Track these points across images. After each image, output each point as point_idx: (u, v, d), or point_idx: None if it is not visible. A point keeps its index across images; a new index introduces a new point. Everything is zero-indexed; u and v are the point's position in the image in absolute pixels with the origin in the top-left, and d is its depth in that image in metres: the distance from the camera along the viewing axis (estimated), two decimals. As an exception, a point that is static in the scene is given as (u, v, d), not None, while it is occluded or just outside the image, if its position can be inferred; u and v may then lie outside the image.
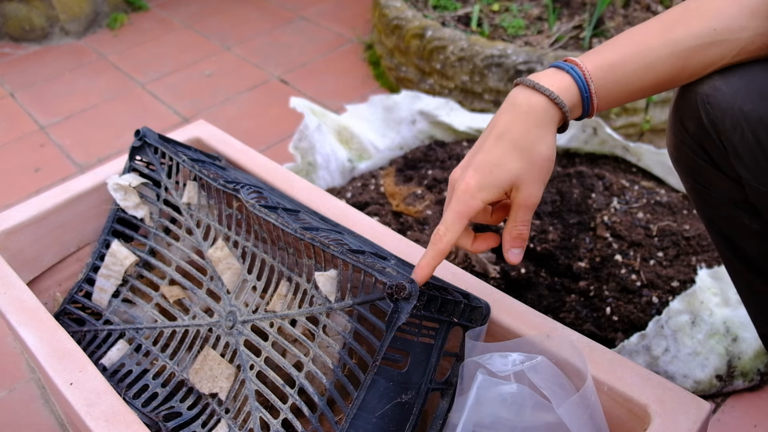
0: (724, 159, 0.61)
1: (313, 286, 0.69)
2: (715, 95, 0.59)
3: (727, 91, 0.58)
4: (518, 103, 0.59)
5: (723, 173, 0.63)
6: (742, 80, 0.58)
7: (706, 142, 0.62)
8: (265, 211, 0.74)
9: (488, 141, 0.60)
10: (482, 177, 0.59)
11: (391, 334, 0.57)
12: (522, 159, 0.59)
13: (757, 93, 0.57)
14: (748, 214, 0.63)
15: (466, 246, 0.64)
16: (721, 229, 0.68)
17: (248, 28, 2.28)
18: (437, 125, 1.45)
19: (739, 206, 0.64)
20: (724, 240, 0.68)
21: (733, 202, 0.64)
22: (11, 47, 2.28)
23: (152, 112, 1.86)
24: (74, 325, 0.88)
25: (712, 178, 0.64)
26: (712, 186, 0.65)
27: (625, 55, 0.59)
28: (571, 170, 1.33)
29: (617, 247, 1.14)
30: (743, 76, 0.58)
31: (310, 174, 1.35)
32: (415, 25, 1.70)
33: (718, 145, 0.60)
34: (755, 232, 0.64)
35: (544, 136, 0.59)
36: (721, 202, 0.65)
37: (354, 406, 0.58)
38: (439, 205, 1.25)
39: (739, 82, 0.58)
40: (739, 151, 0.58)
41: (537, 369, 0.60)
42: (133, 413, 0.64)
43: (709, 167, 0.64)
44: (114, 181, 0.89)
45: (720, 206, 0.65)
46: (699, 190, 0.67)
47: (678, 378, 0.94)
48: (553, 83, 0.59)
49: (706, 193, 0.67)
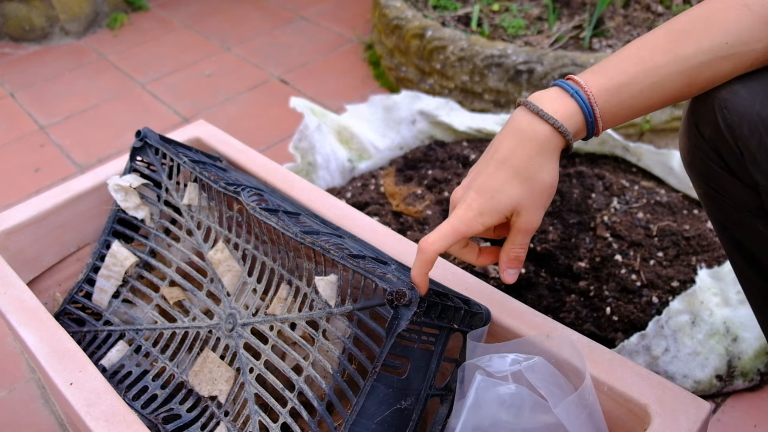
0: (740, 165, 0.60)
1: (313, 290, 0.69)
2: (733, 99, 0.58)
3: (745, 96, 0.57)
4: (522, 129, 0.59)
5: (738, 179, 0.62)
6: (761, 84, 0.57)
7: (722, 148, 0.61)
8: (265, 214, 0.74)
9: (491, 165, 0.60)
10: (484, 202, 0.59)
11: (391, 340, 0.57)
12: (523, 186, 0.59)
13: None
14: (764, 222, 0.62)
15: (471, 260, 0.64)
16: (734, 236, 0.67)
17: (248, 28, 2.28)
18: (437, 125, 1.45)
19: (754, 213, 0.62)
20: (737, 247, 0.67)
21: (747, 209, 0.63)
22: (11, 47, 2.28)
23: (152, 112, 1.86)
24: (74, 326, 0.88)
25: (727, 184, 0.63)
26: (726, 192, 0.64)
27: (631, 74, 0.57)
28: (571, 170, 1.33)
29: (617, 247, 1.14)
30: (763, 80, 0.57)
31: (310, 174, 1.35)
32: (415, 25, 1.70)
33: (735, 151, 0.59)
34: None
35: (546, 163, 0.59)
36: (735, 208, 0.64)
37: (353, 413, 0.58)
38: (439, 205, 1.25)
39: (759, 87, 0.57)
40: (757, 157, 0.57)
41: (534, 369, 0.60)
42: (133, 413, 0.64)
43: (724, 173, 0.63)
44: (115, 182, 0.89)
45: (734, 213, 0.64)
46: (712, 196, 0.66)
47: (678, 378, 0.94)
48: (557, 109, 0.58)
49: (719, 199, 0.65)
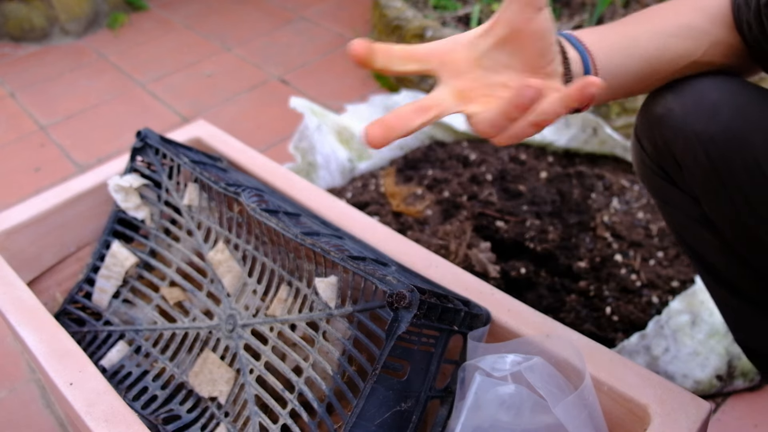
0: (681, 177, 0.62)
1: (314, 291, 0.69)
2: (668, 116, 0.59)
3: (679, 112, 0.59)
4: None
5: (682, 191, 0.64)
6: (693, 100, 0.58)
7: (663, 161, 0.63)
8: (266, 215, 0.74)
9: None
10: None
11: (391, 343, 0.57)
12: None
13: (707, 112, 0.57)
14: (709, 231, 0.64)
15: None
16: (689, 245, 0.68)
17: (248, 28, 2.28)
18: (437, 125, 1.45)
19: (700, 222, 0.64)
20: (694, 255, 0.68)
21: (694, 219, 0.64)
22: (11, 47, 2.28)
23: (152, 112, 1.86)
24: (74, 326, 0.88)
25: (673, 196, 0.65)
26: (674, 203, 0.66)
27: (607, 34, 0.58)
28: (571, 170, 1.33)
29: (617, 247, 1.14)
30: (694, 96, 0.59)
31: (310, 174, 1.35)
32: (415, 25, 1.70)
33: (674, 165, 0.61)
34: (719, 247, 0.64)
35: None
36: (685, 218, 0.65)
37: (353, 415, 0.57)
38: (439, 205, 1.25)
39: (690, 102, 0.58)
40: (693, 170, 0.59)
41: (534, 369, 0.60)
42: (133, 414, 0.64)
43: (669, 185, 0.65)
44: (115, 182, 0.89)
45: (685, 223, 0.66)
46: (664, 208, 0.68)
47: (678, 378, 0.94)
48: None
49: (670, 210, 0.67)
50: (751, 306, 0.65)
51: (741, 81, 0.60)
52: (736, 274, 0.65)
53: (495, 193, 1.25)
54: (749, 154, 0.56)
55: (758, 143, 0.56)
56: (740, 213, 0.58)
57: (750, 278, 0.64)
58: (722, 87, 0.59)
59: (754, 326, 0.67)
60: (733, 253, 0.63)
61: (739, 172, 0.57)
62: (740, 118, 0.57)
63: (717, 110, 0.57)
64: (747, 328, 0.68)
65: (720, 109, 0.57)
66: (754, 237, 0.59)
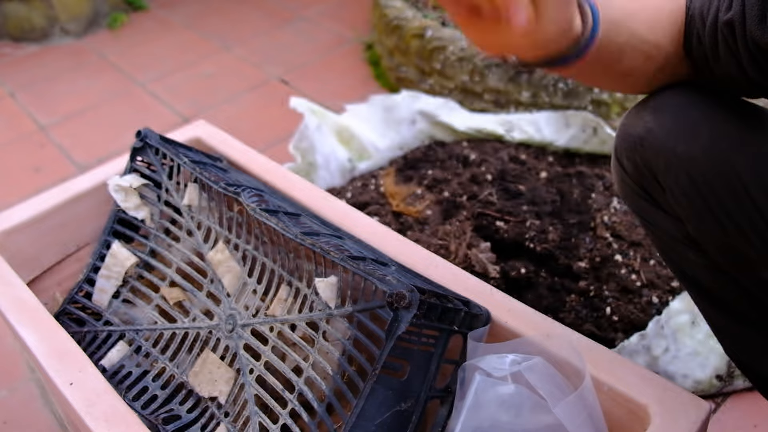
0: (664, 198, 0.61)
1: (313, 291, 0.69)
2: (648, 137, 0.59)
3: (659, 133, 0.58)
4: None
5: (664, 211, 0.63)
6: (673, 120, 0.58)
7: (644, 182, 0.62)
8: (265, 215, 0.74)
9: None
10: None
11: (391, 343, 0.57)
12: None
13: (688, 132, 0.57)
14: (693, 250, 0.63)
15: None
16: (675, 263, 0.68)
17: (248, 28, 2.28)
18: (437, 125, 1.45)
19: (683, 243, 0.63)
20: (680, 273, 0.68)
21: (677, 239, 0.64)
22: (11, 47, 2.28)
23: (152, 112, 1.86)
24: (74, 326, 0.88)
25: (655, 216, 0.65)
26: (656, 224, 0.65)
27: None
28: (571, 170, 1.33)
29: (617, 247, 1.14)
30: (674, 115, 0.58)
31: (310, 174, 1.35)
32: (415, 25, 1.70)
33: (655, 185, 0.61)
34: (703, 266, 0.64)
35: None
36: (669, 238, 0.65)
37: (353, 415, 0.58)
38: (439, 205, 1.25)
39: (671, 123, 0.58)
40: (675, 191, 0.58)
41: (533, 369, 0.60)
42: (133, 414, 0.64)
43: (651, 206, 0.64)
44: (115, 182, 0.89)
45: (670, 243, 0.65)
46: (648, 227, 0.67)
47: (678, 378, 0.94)
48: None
49: (653, 230, 0.67)
50: (739, 322, 0.65)
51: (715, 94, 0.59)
52: (724, 292, 0.64)
53: (495, 193, 1.25)
54: (732, 173, 0.55)
55: (740, 161, 0.55)
56: (726, 232, 0.57)
57: (737, 295, 0.63)
58: (699, 103, 0.58)
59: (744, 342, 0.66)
60: (720, 271, 0.63)
61: (723, 192, 0.56)
62: (720, 136, 0.56)
63: (697, 129, 0.56)
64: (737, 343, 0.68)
65: (700, 128, 0.56)
66: (740, 256, 0.58)
